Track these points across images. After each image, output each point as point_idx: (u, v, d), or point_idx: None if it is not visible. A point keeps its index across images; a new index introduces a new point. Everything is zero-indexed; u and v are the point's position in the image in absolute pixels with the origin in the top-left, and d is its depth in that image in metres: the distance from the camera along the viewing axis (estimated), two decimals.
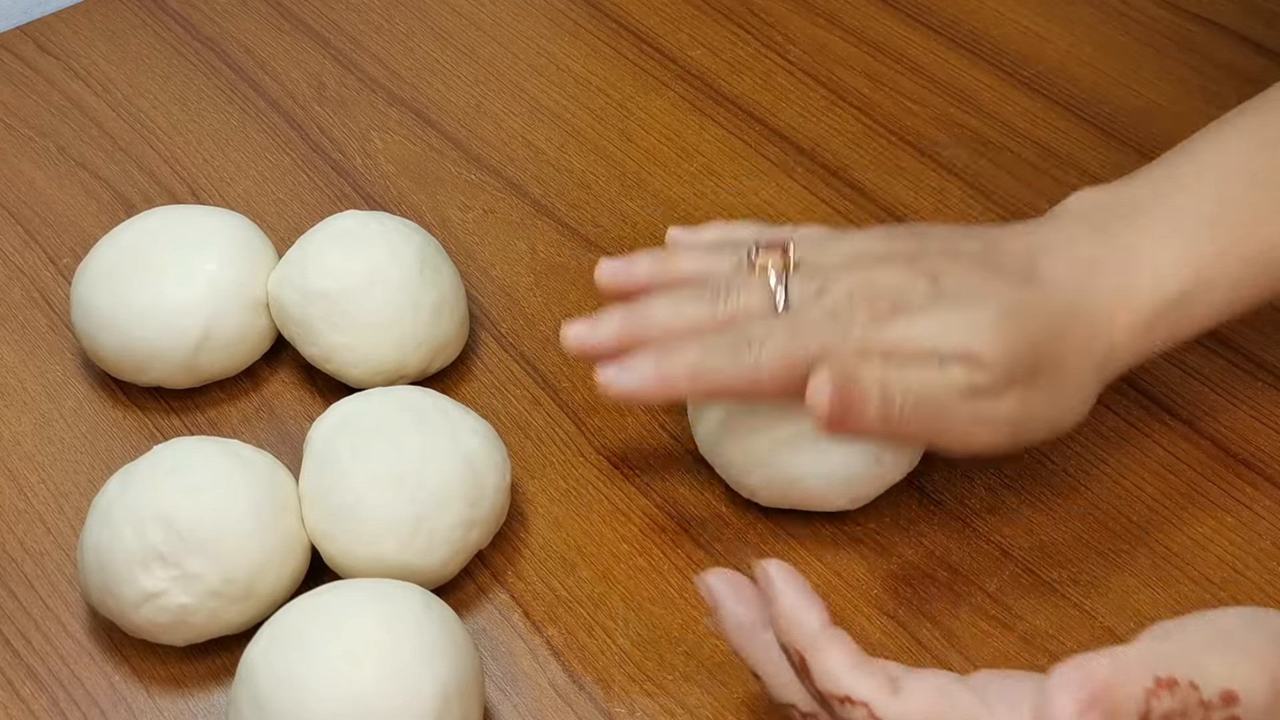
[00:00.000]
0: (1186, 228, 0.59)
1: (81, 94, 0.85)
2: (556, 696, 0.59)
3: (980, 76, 0.85)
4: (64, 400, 0.70)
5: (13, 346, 0.72)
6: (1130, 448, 0.66)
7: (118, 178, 0.80)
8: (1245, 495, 0.65)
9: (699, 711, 0.58)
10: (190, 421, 0.69)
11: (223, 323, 0.67)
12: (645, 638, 0.61)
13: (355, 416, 0.62)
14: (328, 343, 0.67)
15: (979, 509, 0.64)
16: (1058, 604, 0.61)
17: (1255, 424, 0.67)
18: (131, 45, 0.88)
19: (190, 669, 0.60)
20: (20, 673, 0.60)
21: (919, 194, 0.78)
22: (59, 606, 0.62)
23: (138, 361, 0.68)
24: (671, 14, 0.89)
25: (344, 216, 0.70)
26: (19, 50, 0.87)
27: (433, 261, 0.69)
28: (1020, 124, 0.82)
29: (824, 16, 0.88)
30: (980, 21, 0.88)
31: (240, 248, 0.69)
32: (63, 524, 0.65)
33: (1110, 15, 0.88)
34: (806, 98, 0.84)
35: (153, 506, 0.58)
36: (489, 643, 0.61)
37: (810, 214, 0.77)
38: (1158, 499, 0.65)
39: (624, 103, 0.83)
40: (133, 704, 0.59)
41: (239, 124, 0.83)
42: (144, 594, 0.58)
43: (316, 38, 0.88)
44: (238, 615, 0.59)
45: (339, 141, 0.82)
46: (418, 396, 0.63)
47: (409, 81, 0.85)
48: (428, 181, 0.79)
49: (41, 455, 0.67)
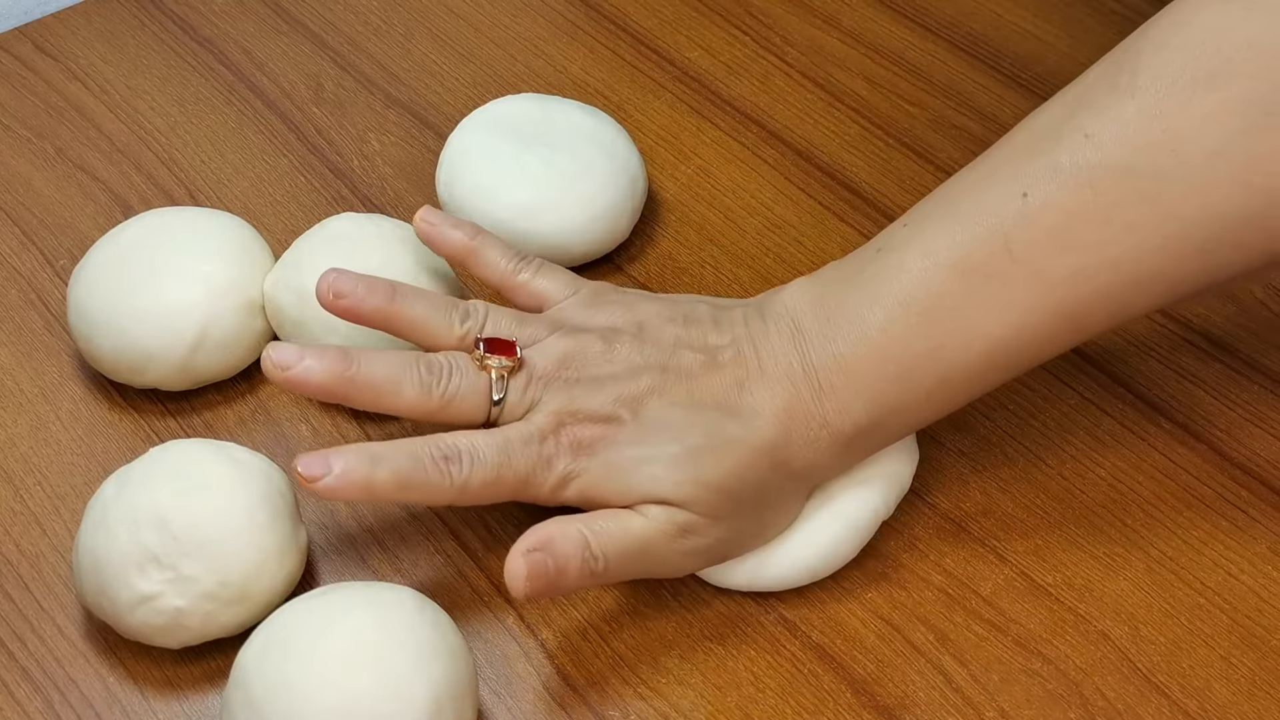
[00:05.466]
0: (876, 362, 0.59)
1: (79, 95, 0.85)
2: (550, 700, 0.59)
3: (979, 79, 0.85)
4: (60, 402, 0.70)
5: (9, 348, 0.72)
6: (1126, 451, 0.66)
7: (115, 179, 0.80)
8: (1241, 499, 0.65)
9: (693, 715, 0.58)
10: (186, 424, 0.69)
11: (219, 324, 0.68)
12: (639, 641, 0.61)
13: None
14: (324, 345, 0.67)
15: (974, 513, 0.64)
16: (1052, 608, 0.61)
17: (1251, 428, 0.67)
18: (129, 46, 0.88)
19: (185, 671, 0.60)
20: (15, 675, 0.60)
21: (916, 196, 0.77)
22: (54, 608, 0.62)
23: (134, 363, 0.68)
24: (670, 16, 0.89)
25: (341, 218, 0.70)
26: (17, 51, 0.87)
27: (429, 264, 0.69)
28: None
29: (822, 18, 0.88)
30: (979, 24, 0.88)
31: (237, 249, 0.69)
32: (58, 526, 0.65)
33: (1108, 18, 0.88)
34: (804, 100, 0.84)
35: (148, 509, 0.58)
36: (483, 646, 0.61)
37: (807, 215, 0.77)
38: (1153, 503, 0.65)
39: (622, 104, 0.83)
40: (127, 706, 0.59)
41: (236, 125, 0.83)
42: (139, 596, 0.58)
43: (314, 39, 0.88)
44: (232, 618, 0.59)
45: (336, 143, 0.82)
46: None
47: (407, 83, 0.85)
48: (425, 184, 0.79)
49: (37, 457, 0.68)
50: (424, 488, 0.58)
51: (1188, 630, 0.61)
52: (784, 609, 0.62)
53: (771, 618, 0.61)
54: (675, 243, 0.76)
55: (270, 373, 0.59)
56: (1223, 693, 0.59)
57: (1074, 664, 0.60)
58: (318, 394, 0.60)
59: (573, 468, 0.59)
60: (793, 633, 0.61)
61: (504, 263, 0.65)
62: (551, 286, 0.64)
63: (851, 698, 0.59)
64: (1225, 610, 0.61)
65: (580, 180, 0.73)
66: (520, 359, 0.60)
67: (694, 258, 0.76)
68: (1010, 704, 0.59)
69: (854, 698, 0.59)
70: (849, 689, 0.59)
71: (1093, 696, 0.59)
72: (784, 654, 0.60)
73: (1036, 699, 0.59)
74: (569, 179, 0.73)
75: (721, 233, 0.77)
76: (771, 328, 0.61)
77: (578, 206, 0.72)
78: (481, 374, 0.60)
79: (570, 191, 0.72)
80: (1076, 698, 0.59)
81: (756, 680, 0.60)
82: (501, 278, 0.65)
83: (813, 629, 0.61)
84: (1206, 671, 0.59)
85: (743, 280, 0.74)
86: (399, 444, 0.58)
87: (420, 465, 0.57)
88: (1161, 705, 0.58)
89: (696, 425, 0.59)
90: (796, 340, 0.60)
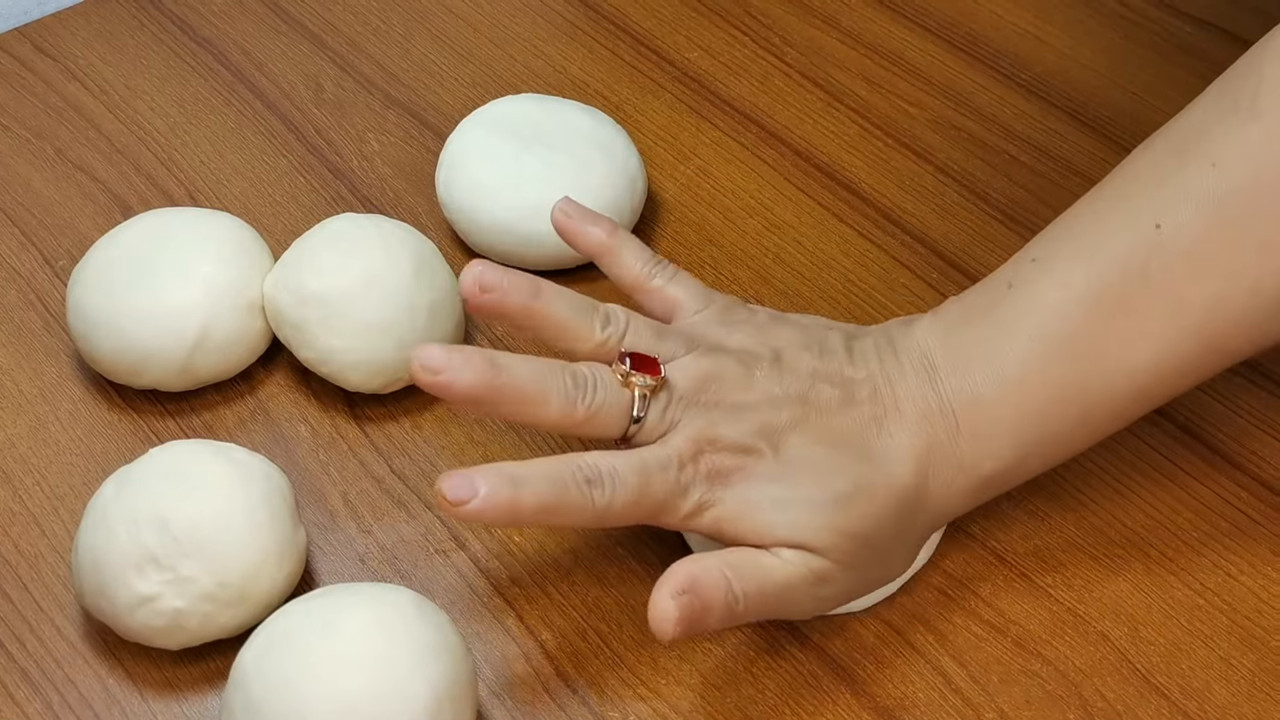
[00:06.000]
0: (1017, 400, 0.59)
1: (78, 95, 0.85)
2: (550, 700, 0.59)
3: (978, 79, 0.85)
4: (59, 403, 0.70)
5: (8, 349, 0.72)
6: (1126, 453, 0.66)
7: (114, 179, 0.80)
8: (1241, 500, 0.65)
9: (693, 716, 0.58)
10: (185, 424, 0.69)
11: (218, 325, 0.67)
12: (639, 641, 0.61)
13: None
14: (324, 346, 0.67)
15: (974, 514, 0.64)
16: (1052, 608, 0.61)
17: (1251, 429, 0.67)
18: (129, 47, 0.88)
19: (184, 672, 0.60)
20: (14, 676, 0.60)
21: (916, 196, 0.78)
22: (53, 609, 0.62)
23: (133, 364, 0.68)
24: (669, 16, 0.89)
25: (340, 219, 0.70)
26: (16, 51, 0.87)
27: (429, 264, 0.69)
28: (1018, 127, 0.82)
29: (821, 19, 0.88)
30: (978, 24, 0.88)
31: (236, 250, 0.69)
32: (57, 527, 0.65)
33: (1109, 18, 0.88)
34: (804, 100, 0.84)
35: (148, 510, 0.58)
36: (482, 646, 0.61)
37: (806, 216, 0.77)
38: (1153, 504, 0.65)
39: (621, 105, 0.83)
40: (126, 707, 0.59)
41: (236, 126, 0.83)
42: (138, 597, 0.58)
43: (314, 39, 0.88)
44: (232, 619, 0.59)
45: (336, 143, 0.82)
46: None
47: (406, 84, 0.85)
48: (424, 184, 0.79)
49: (36, 458, 0.67)
50: (566, 512, 0.56)
51: (1187, 631, 0.61)
52: None
53: (771, 619, 0.61)
54: (675, 243, 0.76)
55: (418, 376, 0.56)
56: (1222, 694, 0.59)
57: (1073, 665, 0.60)
58: (463, 399, 0.56)
59: (708, 497, 0.57)
60: (792, 633, 0.61)
61: (639, 265, 0.63)
62: (684, 296, 0.63)
63: (851, 698, 0.59)
64: (1225, 611, 0.61)
65: (580, 180, 0.73)
66: (663, 378, 0.58)
67: (693, 258, 0.76)
68: (1010, 705, 0.59)
69: (853, 698, 0.59)
70: (848, 690, 0.59)
71: (1092, 697, 0.59)
72: (783, 655, 0.60)
73: (1036, 700, 0.59)
74: (568, 179, 0.73)
75: (721, 233, 0.77)
76: (905, 364, 0.60)
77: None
78: (624, 390, 0.58)
79: (570, 192, 0.72)
80: (1076, 699, 0.59)
81: (756, 681, 0.60)
82: (636, 280, 0.63)
83: (812, 630, 0.61)
84: (1206, 673, 0.59)
85: (742, 280, 0.74)
86: (537, 464, 0.56)
87: (564, 489, 0.56)
88: (1161, 706, 0.58)
89: (837, 469, 0.58)
90: (932, 378, 0.59)
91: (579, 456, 0.56)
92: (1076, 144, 0.80)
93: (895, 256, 0.75)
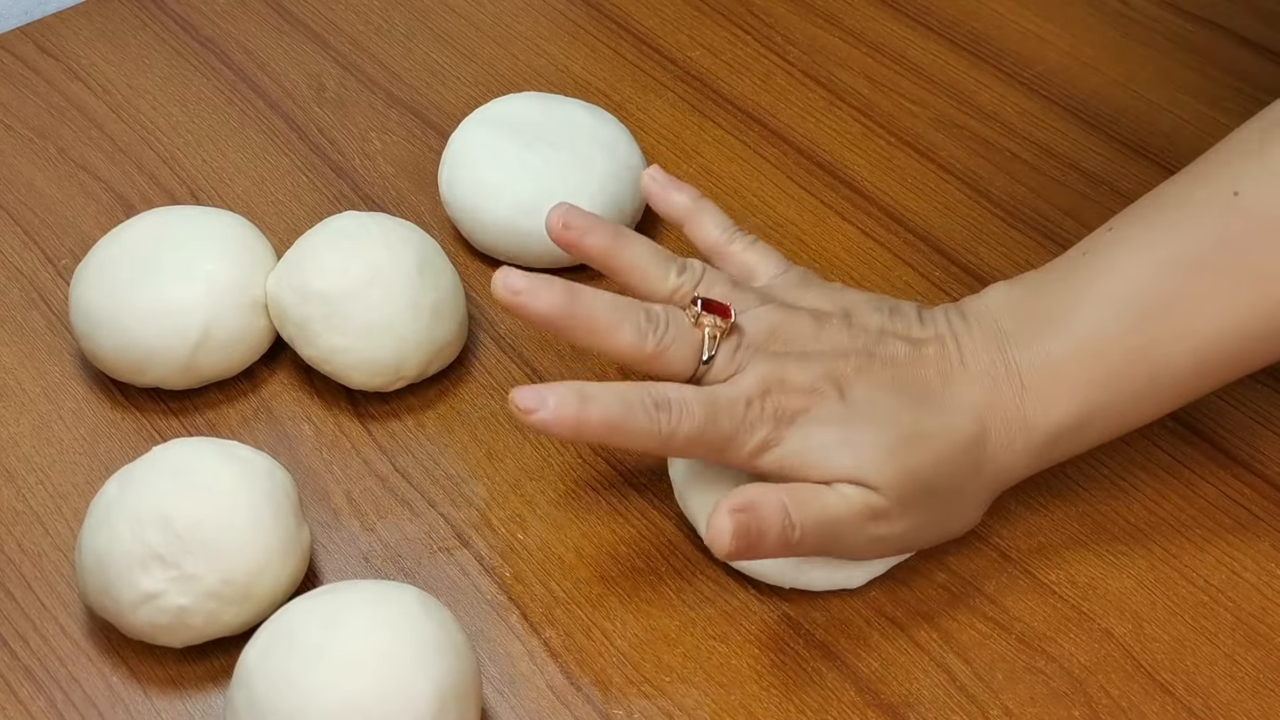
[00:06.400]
0: (1084, 359, 0.59)
1: (81, 95, 0.85)
2: (554, 698, 0.59)
3: (980, 77, 0.85)
4: (62, 401, 0.70)
5: (11, 347, 0.72)
6: (1129, 450, 0.66)
7: (117, 178, 0.80)
8: (1244, 497, 0.65)
9: (697, 713, 0.58)
10: (189, 423, 0.69)
11: (221, 323, 0.67)
12: (643, 639, 0.61)
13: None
14: (326, 344, 0.67)
15: None
16: (1056, 605, 0.61)
17: (1254, 425, 0.67)
18: (131, 46, 0.88)
19: (188, 670, 0.60)
20: (18, 674, 0.60)
21: (918, 194, 0.78)
22: (57, 608, 0.62)
23: (136, 362, 0.68)
24: (671, 15, 0.89)
25: (343, 217, 0.70)
26: (19, 51, 0.87)
27: (432, 263, 0.69)
28: (1020, 125, 0.82)
29: (824, 18, 0.88)
30: (980, 23, 0.88)
31: (239, 248, 0.69)
32: (61, 525, 0.65)
33: (1110, 17, 0.88)
34: (806, 99, 0.84)
35: (151, 508, 0.58)
36: (486, 644, 0.61)
37: (809, 214, 0.77)
38: (1156, 501, 0.65)
39: (623, 103, 0.83)
40: (130, 705, 0.59)
41: (238, 125, 0.83)
42: (142, 595, 0.58)
43: (316, 39, 0.88)
44: (235, 617, 0.59)
45: (338, 142, 0.82)
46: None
47: (408, 83, 0.85)
48: (427, 182, 0.79)
49: (40, 456, 0.67)
50: (632, 433, 0.57)
51: (1192, 628, 0.61)
52: (787, 607, 0.62)
53: (775, 616, 0.61)
54: (677, 241, 0.76)
55: (498, 293, 0.59)
56: (1227, 690, 0.59)
57: (1078, 662, 0.60)
58: (540, 320, 0.59)
59: (773, 436, 0.58)
60: (796, 630, 0.61)
61: (719, 232, 0.65)
62: (761, 262, 0.65)
63: (855, 696, 0.59)
64: (1229, 608, 0.61)
65: (582, 179, 0.73)
66: (734, 323, 0.60)
67: (696, 255, 0.75)
68: (1014, 702, 0.59)
69: (858, 695, 0.59)
70: (853, 687, 0.59)
71: (1097, 694, 0.59)
72: (788, 652, 0.60)
73: (1040, 697, 0.59)
74: (571, 178, 0.73)
75: None
76: (975, 326, 0.61)
77: (579, 205, 0.72)
78: (695, 331, 0.59)
79: (572, 190, 0.72)
80: (1080, 695, 0.59)
81: (760, 678, 0.60)
82: (715, 244, 0.65)
83: (816, 627, 0.61)
84: (1211, 669, 0.59)
85: None
86: (609, 386, 0.58)
87: (631, 410, 0.57)
88: (1166, 703, 0.58)
89: (900, 412, 0.59)
90: (1000, 339, 0.60)
91: (651, 384, 0.58)
92: (1078, 142, 0.80)
93: (898, 254, 0.75)
